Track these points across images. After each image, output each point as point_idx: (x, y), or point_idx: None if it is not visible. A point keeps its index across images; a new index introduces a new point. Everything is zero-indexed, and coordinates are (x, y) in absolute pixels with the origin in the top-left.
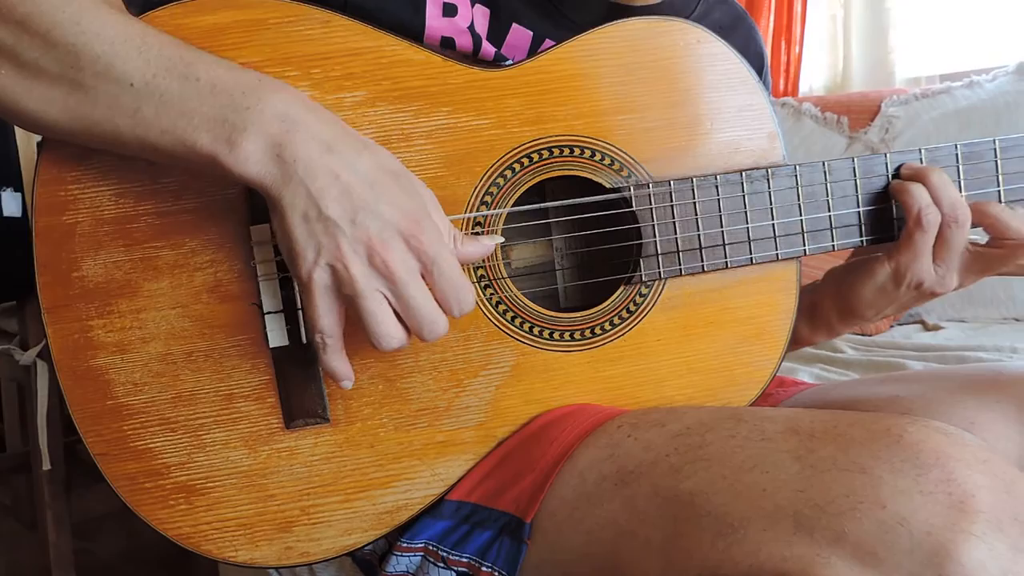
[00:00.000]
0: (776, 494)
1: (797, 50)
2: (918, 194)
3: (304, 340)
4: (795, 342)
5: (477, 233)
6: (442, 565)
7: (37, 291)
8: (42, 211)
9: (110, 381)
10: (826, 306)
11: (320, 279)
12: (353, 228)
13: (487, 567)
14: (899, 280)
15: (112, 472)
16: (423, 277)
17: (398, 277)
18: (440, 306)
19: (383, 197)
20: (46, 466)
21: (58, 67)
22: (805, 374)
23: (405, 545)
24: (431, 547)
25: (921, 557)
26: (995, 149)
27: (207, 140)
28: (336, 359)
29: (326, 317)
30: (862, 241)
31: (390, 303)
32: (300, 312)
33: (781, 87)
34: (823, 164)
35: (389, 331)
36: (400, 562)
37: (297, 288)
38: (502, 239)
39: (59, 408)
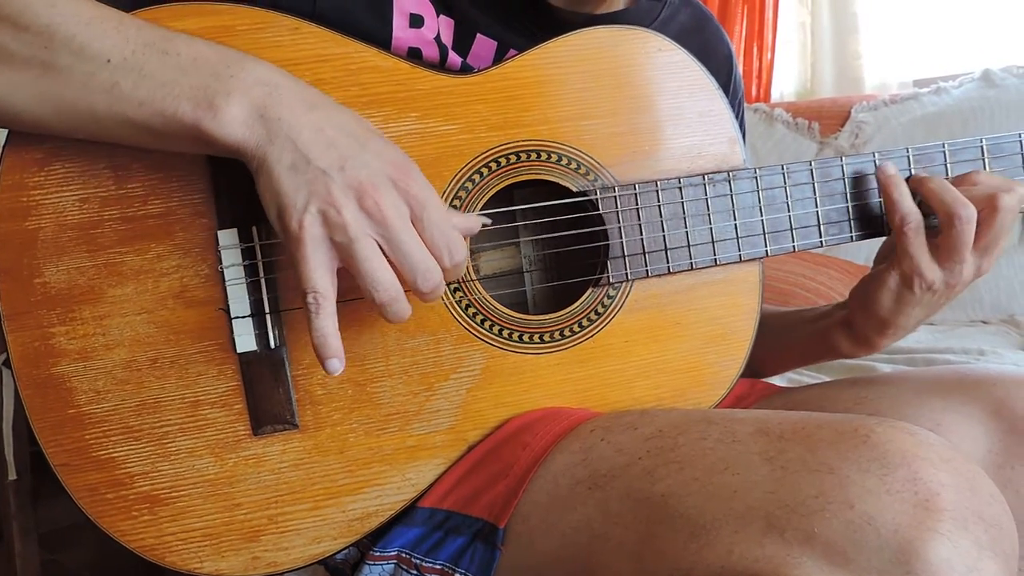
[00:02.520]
0: (747, 495)
1: (769, 56)
2: (898, 199)
3: (273, 344)
4: (837, 355)
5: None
6: (415, 572)
7: None
8: (3, 216)
9: (72, 389)
10: (859, 323)
11: (311, 226)
12: (342, 174)
13: (460, 573)
14: (909, 284)
15: (73, 483)
16: (413, 224)
17: (390, 220)
18: (432, 254)
19: (369, 148)
20: (12, 476)
21: (29, 50)
22: (777, 377)
23: (378, 554)
24: (404, 555)
25: (889, 555)
26: (944, 152)
27: (189, 108)
28: (328, 324)
29: (319, 271)
30: (851, 237)
31: (383, 251)
32: (268, 316)
33: (753, 93)
34: (782, 167)
35: (384, 277)
36: (373, 571)
37: (286, 246)
38: (488, 220)
39: (25, 417)
